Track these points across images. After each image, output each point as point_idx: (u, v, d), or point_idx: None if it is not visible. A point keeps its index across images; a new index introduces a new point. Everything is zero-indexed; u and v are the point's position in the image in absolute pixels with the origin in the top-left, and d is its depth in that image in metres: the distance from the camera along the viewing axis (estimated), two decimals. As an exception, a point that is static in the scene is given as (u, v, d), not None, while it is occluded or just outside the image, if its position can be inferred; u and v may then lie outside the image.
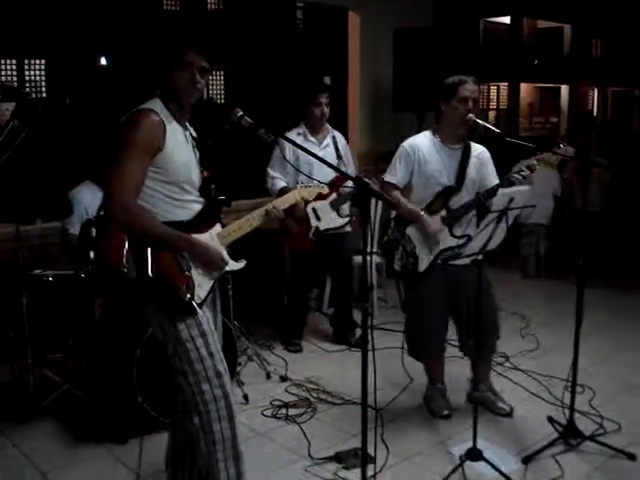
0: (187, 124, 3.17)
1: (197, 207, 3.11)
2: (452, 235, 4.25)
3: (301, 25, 12.52)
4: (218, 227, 3.21)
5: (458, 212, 4.22)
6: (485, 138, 4.28)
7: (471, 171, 4.27)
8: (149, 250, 2.90)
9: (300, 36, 12.02)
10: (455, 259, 4.00)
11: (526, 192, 3.66)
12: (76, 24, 10.55)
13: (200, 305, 3.01)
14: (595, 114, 11.77)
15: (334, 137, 5.64)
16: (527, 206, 3.73)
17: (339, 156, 5.56)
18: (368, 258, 5.46)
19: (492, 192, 4.12)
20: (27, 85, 10.76)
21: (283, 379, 5.01)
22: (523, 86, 10.66)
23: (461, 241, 4.22)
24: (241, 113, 3.23)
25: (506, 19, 10.25)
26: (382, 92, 7.20)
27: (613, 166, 8.05)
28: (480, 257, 3.68)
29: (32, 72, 10.70)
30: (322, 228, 5.44)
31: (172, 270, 2.95)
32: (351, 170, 5.63)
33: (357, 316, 5.93)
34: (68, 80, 10.95)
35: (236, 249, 3.29)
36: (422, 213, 4.23)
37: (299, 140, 5.37)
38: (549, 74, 10.93)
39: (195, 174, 3.13)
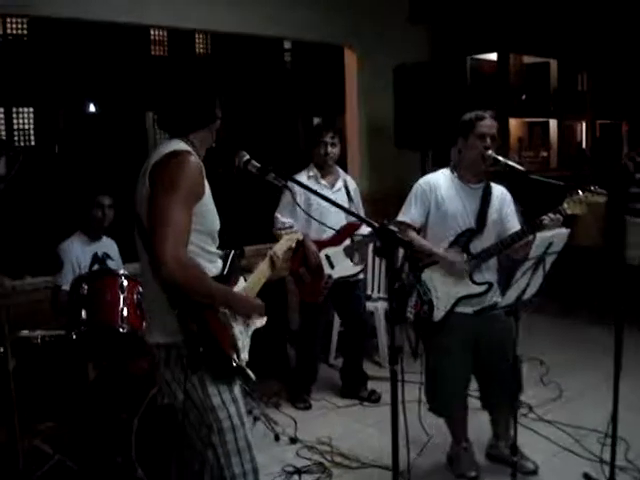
0: None
1: (219, 261, 2.77)
2: (472, 281, 3.79)
3: (289, 66, 12.23)
4: (242, 281, 2.89)
5: (479, 257, 3.77)
6: (502, 176, 3.86)
7: (492, 213, 3.84)
8: (196, 309, 2.54)
9: (290, 77, 11.72)
10: (490, 311, 3.54)
11: (565, 235, 3.22)
12: (64, 72, 10.18)
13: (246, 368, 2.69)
14: (584, 147, 11.47)
15: (345, 181, 5.17)
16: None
17: (351, 200, 5.09)
18: (378, 305, 4.99)
19: (516, 237, 3.69)
20: (15, 133, 10.37)
21: (293, 441, 4.49)
22: (512, 121, 10.42)
23: (482, 288, 3.80)
24: (247, 157, 2.88)
25: (493, 55, 9.99)
26: (382, 130, 6.77)
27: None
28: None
29: (20, 120, 10.33)
30: (336, 276, 4.94)
31: (220, 330, 2.61)
32: (362, 214, 5.17)
33: (367, 366, 5.44)
34: (57, 128, 10.58)
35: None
36: (441, 251, 3.78)
37: (310, 183, 4.93)
38: (537, 109, 10.72)
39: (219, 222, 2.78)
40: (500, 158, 3.70)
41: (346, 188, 5.12)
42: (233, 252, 2.85)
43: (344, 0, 6.57)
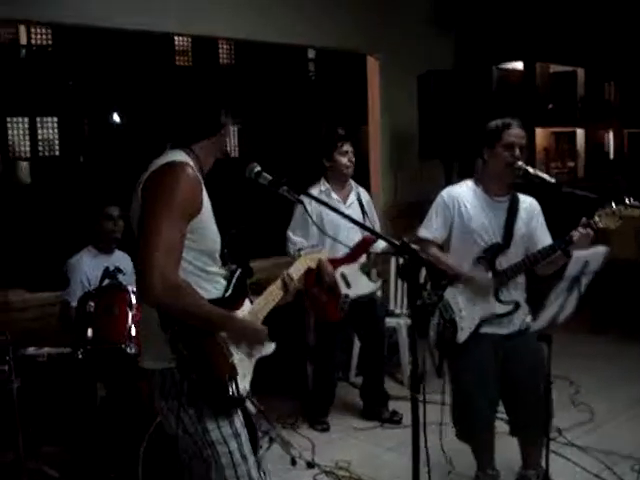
0: None
1: (222, 281, 2.50)
2: (498, 300, 3.48)
3: (313, 77, 12.02)
4: (248, 304, 2.60)
5: (506, 274, 3.46)
6: (531, 186, 3.55)
7: (520, 227, 3.53)
8: (189, 333, 2.28)
9: (314, 87, 11.50)
10: (521, 336, 3.23)
11: (602, 254, 2.91)
12: (88, 82, 10.04)
13: (246, 399, 2.45)
14: (611, 157, 11.13)
15: (358, 193, 4.87)
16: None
17: (364, 214, 4.80)
18: (401, 321, 4.66)
19: (545, 253, 3.39)
20: (40, 143, 10.24)
21: (310, 465, 4.20)
22: (538, 131, 10.14)
23: (508, 307, 3.49)
24: (259, 169, 2.63)
25: (519, 64, 9.75)
26: (406, 140, 6.48)
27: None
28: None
29: (45, 130, 10.19)
30: (352, 295, 4.64)
31: (216, 357, 2.35)
32: (377, 229, 4.87)
33: (389, 385, 5.13)
34: (81, 138, 10.43)
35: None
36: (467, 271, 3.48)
37: (322, 198, 4.65)
38: (564, 118, 10.43)
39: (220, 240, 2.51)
40: (530, 170, 3.40)
41: (359, 201, 4.85)
42: (239, 272, 2.58)
43: (366, 7, 6.33)
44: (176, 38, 10.89)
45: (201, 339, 2.30)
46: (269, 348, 2.65)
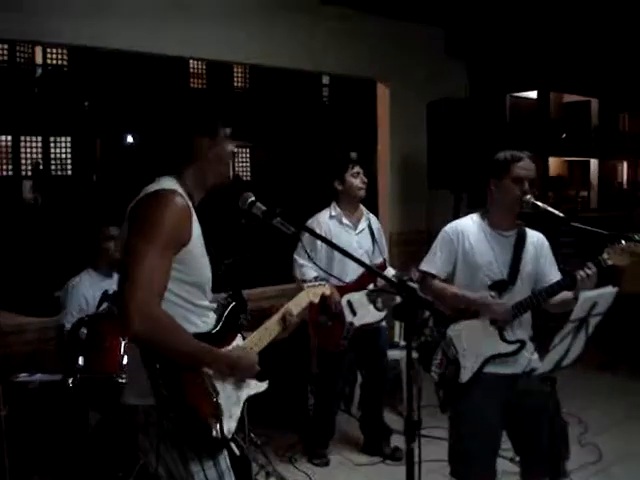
0: None
1: (212, 315, 2.37)
2: (502, 339, 3.30)
3: (327, 102, 11.96)
4: (239, 339, 2.46)
5: (512, 312, 3.28)
6: (537, 220, 3.40)
7: (527, 263, 3.35)
8: (171, 369, 2.15)
9: (326, 112, 11.44)
10: (527, 377, 3.06)
11: (611, 295, 2.74)
12: (102, 102, 10.02)
13: (231, 440, 2.28)
14: (625, 187, 10.98)
15: (369, 220, 4.73)
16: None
17: (374, 241, 4.65)
18: (404, 354, 4.44)
19: (552, 290, 3.21)
20: (52, 162, 10.21)
21: (308, 503, 4.02)
22: (552, 160, 10.02)
23: (513, 347, 3.29)
24: (253, 199, 2.47)
25: (532, 94, 9.65)
26: (415, 168, 6.34)
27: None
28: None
29: (58, 149, 10.19)
30: (357, 324, 4.48)
31: (199, 395, 2.20)
32: (386, 257, 4.72)
33: (391, 418, 4.95)
34: (94, 158, 10.41)
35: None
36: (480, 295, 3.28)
37: (332, 223, 4.55)
38: (577, 148, 10.33)
39: (211, 273, 2.37)
40: (540, 204, 3.24)
41: (370, 228, 4.70)
42: (231, 306, 2.45)
43: (379, 35, 6.23)
44: (191, 61, 10.91)
45: (183, 377, 2.17)
46: (261, 386, 2.50)
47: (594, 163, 10.47)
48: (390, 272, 4.52)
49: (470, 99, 6.51)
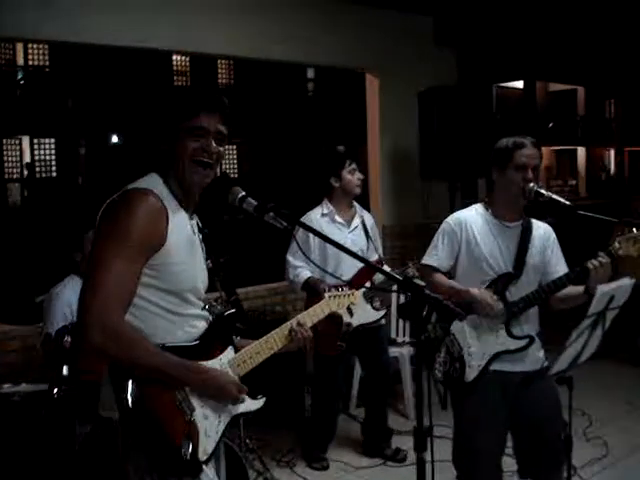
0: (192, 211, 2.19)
1: (201, 324, 2.14)
2: (510, 335, 3.09)
3: (312, 96, 11.74)
4: (230, 352, 2.22)
5: (518, 306, 3.07)
6: (543, 210, 3.19)
7: (533, 255, 3.15)
8: (134, 382, 1.93)
9: (312, 106, 11.22)
10: (539, 377, 2.85)
11: (628, 287, 2.54)
12: (86, 103, 9.75)
13: (206, 462, 2.04)
14: (612, 174, 10.82)
15: (362, 217, 4.51)
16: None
17: (368, 239, 4.43)
18: (404, 351, 4.24)
19: (560, 283, 3.01)
20: (37, 164, 9.94)
21: (308, 510, 3.80)
22: (539, 150, 9.84)
23: (522, 343, 3.08)
24: (243, 194, 2.24)
25: (519, 83, 9.47)
26: (407, 160, 6.14)
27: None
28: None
29: (42, 151, 9.93)
30: (355, 324, 4.23)
31: (168, 412, 1.97)
32: (380, 254, 4.50)
33: (391, 418, 4.73)
34: (78, 159, 10.15)
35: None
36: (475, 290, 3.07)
37: (324, 221, 4.34)
38: (565, 137, 10.13)
39: (202, 279, 2.16)
40: (544, 192, 3.04)
41: (363, 225, 4.48)
42: (223, 314, 2.23)
43: (367, 25, 6.02)
44: (174, 58, 10.67)
45: (150, 391, 1.95)
46: (253, 405, 2.26)
47: (581, 151, 10.27)
48: (385, 270, 4.30)
49: (459, 87, 6.32)
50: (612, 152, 10.84)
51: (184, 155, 2.05)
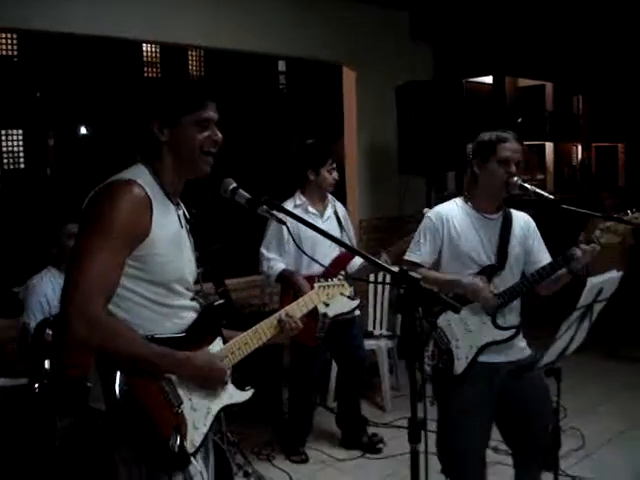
0: (179, 201, 2.17)
1: (190, 315, 2.12)
2: (495, 326, 3.10)
3: (284, 89, 11.68)
4: (219, 343, 2.20)
5: (503, 298, 3.08)
6: (523, 202, 3.22)
7: (515, 246, 3.17)
8: (122, 374, 1.92)
9: (284, 100, 11.15)
10: (529, 370, 2.86)
11: (616, 280, 2.57)
12: (54, 93, 9.58)
13: (194, 454, 2.02)
14: (578, 170, 10.96)
15: (335, 207, 4.51)
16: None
17: (342, 229, 4.43)
18: (381, 343, 4.24)
19: (544, 272, 3.03)
20: (4, 156, 9.74)
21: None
22: (508, 145, 9.95)
23: (508, 333, 3.10)
24: (234, 185, 2.21)
25: (488, 78, 9.55)
26: (384, 154, 6.12)
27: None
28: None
29: (10, 143, 9.71)
30: (331, 315, 4.20)
31: (156, 404, 1.96)
32: (354, 244, 4.50)
33: (368, 411, 4.74)
34: (47, 151, 9.97)
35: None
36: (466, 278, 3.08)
37: (297, 212, 4.26)
38: (533, 132, 10.22)
39: (190, 270, 2.14)
40: (528, 186, 3.06)
41: (336, 215, 4.48)
42: (212, 305, 2.21)
43: (343, 18, 5.98)
44: (144, 49, 10.51)
45: (137, 382, 1.94)
46: (242, 396, 2.26)
47: (549, 146, 10.38)
48: (357, 262, 4.29)
49: (434, 82, 6.34)
50: (579, 147, 10.99)
51: (193, 146, 2.06)
